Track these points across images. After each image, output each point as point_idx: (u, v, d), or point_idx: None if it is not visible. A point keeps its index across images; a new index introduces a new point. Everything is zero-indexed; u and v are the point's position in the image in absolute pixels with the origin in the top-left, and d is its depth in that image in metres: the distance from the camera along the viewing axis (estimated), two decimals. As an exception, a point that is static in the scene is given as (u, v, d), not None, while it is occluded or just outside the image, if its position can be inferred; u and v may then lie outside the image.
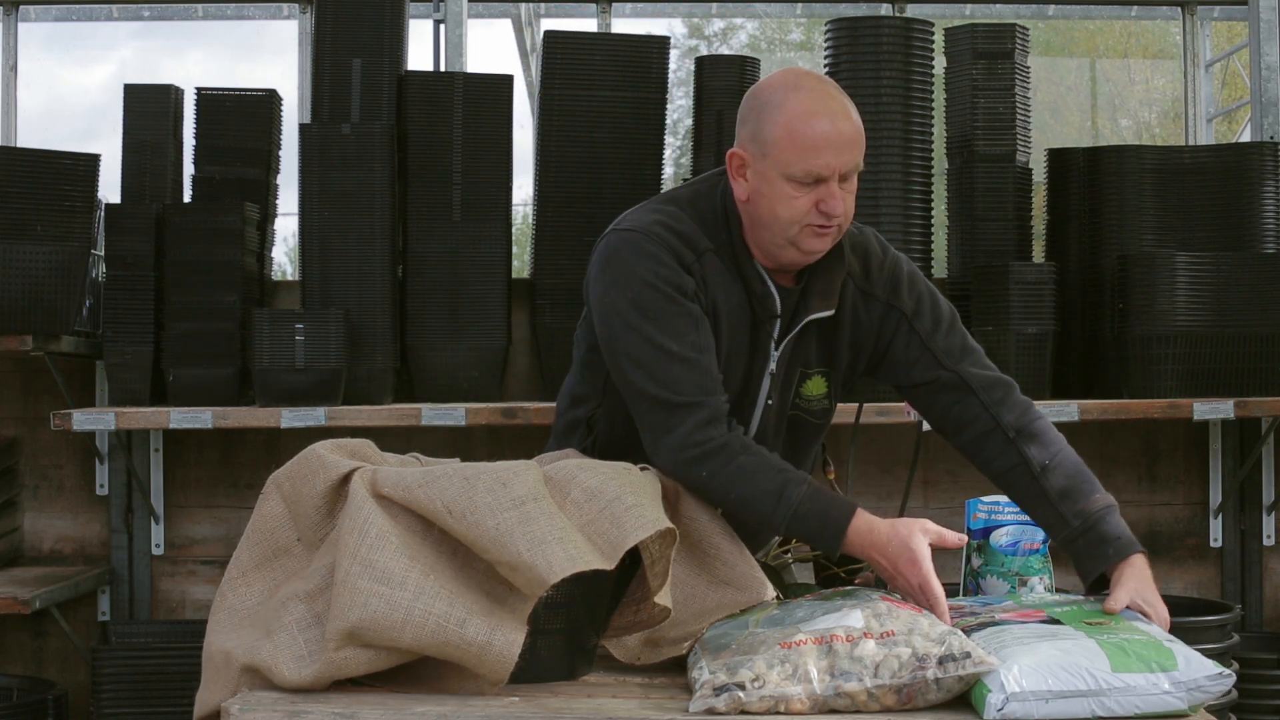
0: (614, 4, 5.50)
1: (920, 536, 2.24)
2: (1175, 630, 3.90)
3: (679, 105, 10.64)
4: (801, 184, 2.30)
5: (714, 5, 7.01)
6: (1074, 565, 2.36)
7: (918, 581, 2.19)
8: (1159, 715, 1.93)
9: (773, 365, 2.41)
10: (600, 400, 2.46)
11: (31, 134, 5.89)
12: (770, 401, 2.43)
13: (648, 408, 2.27)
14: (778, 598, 2.17)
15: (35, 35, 8.83)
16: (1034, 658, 1.91)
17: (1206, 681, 1.94)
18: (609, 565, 1.90)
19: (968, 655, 1.86)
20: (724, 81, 4.34)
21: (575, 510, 1.94)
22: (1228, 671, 1.97)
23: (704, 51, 11.94)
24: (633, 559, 2.01)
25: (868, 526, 2.23)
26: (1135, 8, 6.16)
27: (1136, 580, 2.28)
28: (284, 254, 9.91)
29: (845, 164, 2.30)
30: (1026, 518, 2.40)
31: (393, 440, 3.60)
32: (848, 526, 2.21)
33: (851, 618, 1.92)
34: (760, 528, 2.34)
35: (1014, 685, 1.86)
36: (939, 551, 2.29)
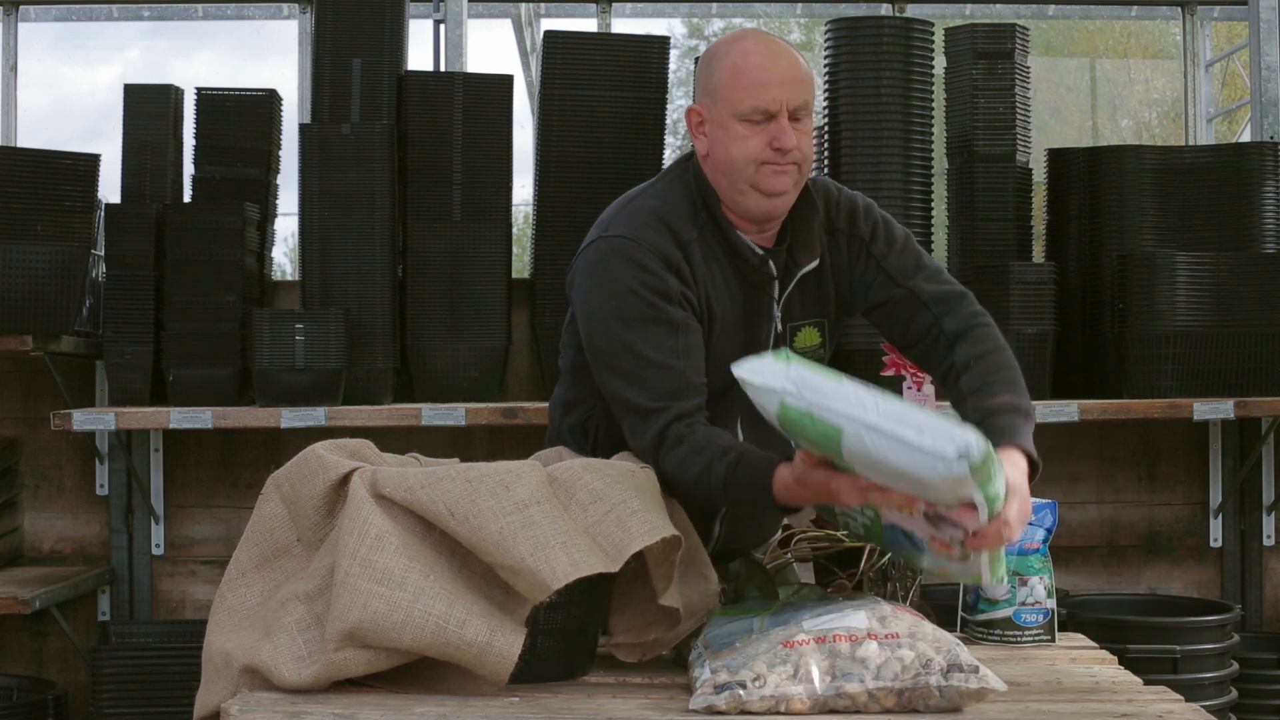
0: (614, 4, 5.49)
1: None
2: (1176, 630, 3.92)
3: (679, 105, 10.64)
4: (752, 122, 2.36)
5: (714, 5, 7.00)
6: None
7: (841, 496, 2.07)
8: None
9: (777, 325, 2.46)
10: (595, 403, 2.47)
11: (37, 134, 5.89)
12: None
13: (623, 411, 2.32)
14: (726, 594, 2.18)
15: (43, 35, 8.84)
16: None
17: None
18: (613, 568, 1.90)
19: (976, 669, 1.85)
20: (724, 81, 4.33)
21: (580, 512, 1.94)
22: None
23: (704, 51, 11.93)
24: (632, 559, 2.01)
25: (785, 481, 2.17)
26: (1135, 8, 6.16)
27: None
28: (284, 254, 9.91)
29: (793, 99, 2.36)
30: (1026, 518, 2.39)
31: (393, 440, 3.61)
32: (771, 486, 2.18)
33: (854, 619, 1.92)
34: (715, 510, 2.39)
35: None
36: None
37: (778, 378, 1.97)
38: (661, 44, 4.24)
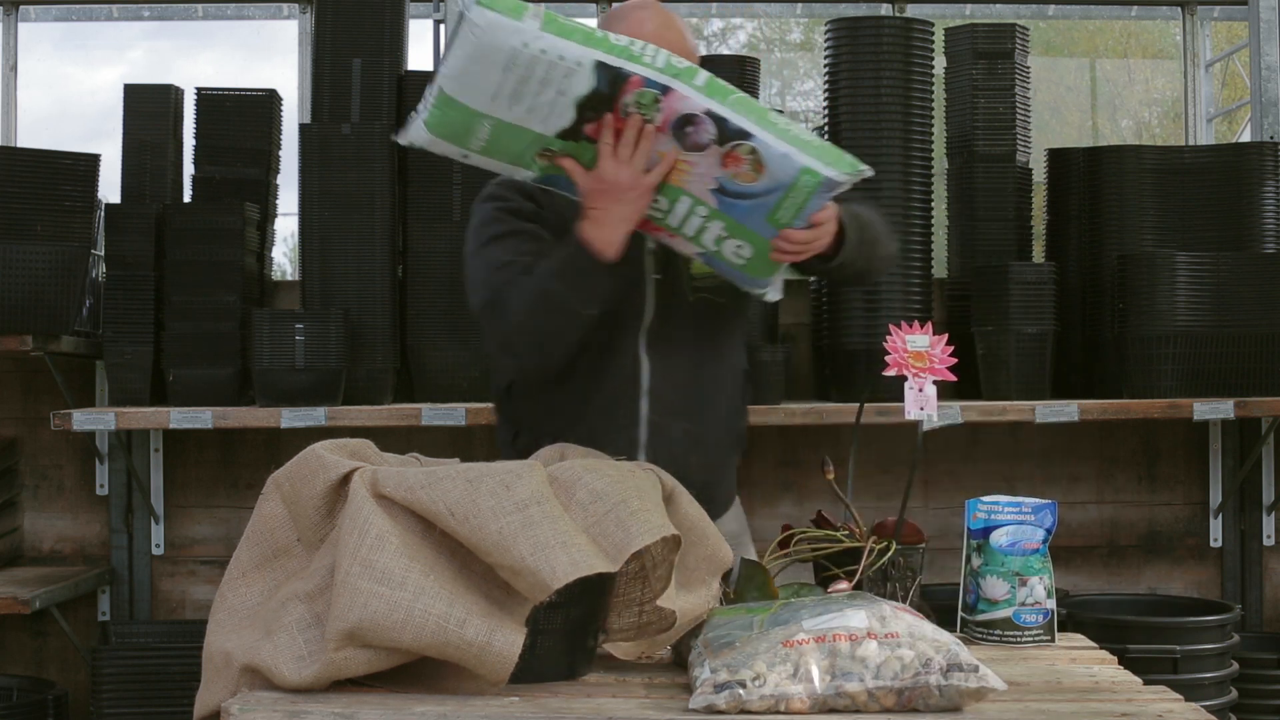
0: (614, 4, 5.50)
1: None
2: (1176, 630, 3.92)
3: (679, 105, 10.60)
4: None
5: (714, 5, 7.00)
6: None
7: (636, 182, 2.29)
8: None
9: (650, 242, 2.54)
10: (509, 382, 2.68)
11: (40, 134, 5.88)
12: (658, 276, 2.58)
13: (486, 317, 2.49)
14: (733, 592, 2.20)
15: (47, 36, 8.82)
16: None
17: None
18: (613, 568, 1.90)
19: (976, 668, 1.85)
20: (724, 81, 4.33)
21: (580, 512, 1.94)
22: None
23: (704, 51, 11.94)
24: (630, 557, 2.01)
25: (585, 222, 2.36)
26: (1135, 8, 6.16)
27: None
28: (284, 254, 9.90)
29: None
30: (1026, 518, 2.39)
31: (393, 440, 3.61)
32: (580, 240, 2.37)
33: (854, 618, 1.92)
34: (565, 322, 2.47)
35: None
36: (940, 551, 2.29)
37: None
38: (661, 44, 4.23)
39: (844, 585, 2.29)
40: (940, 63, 4.30)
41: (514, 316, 2.46)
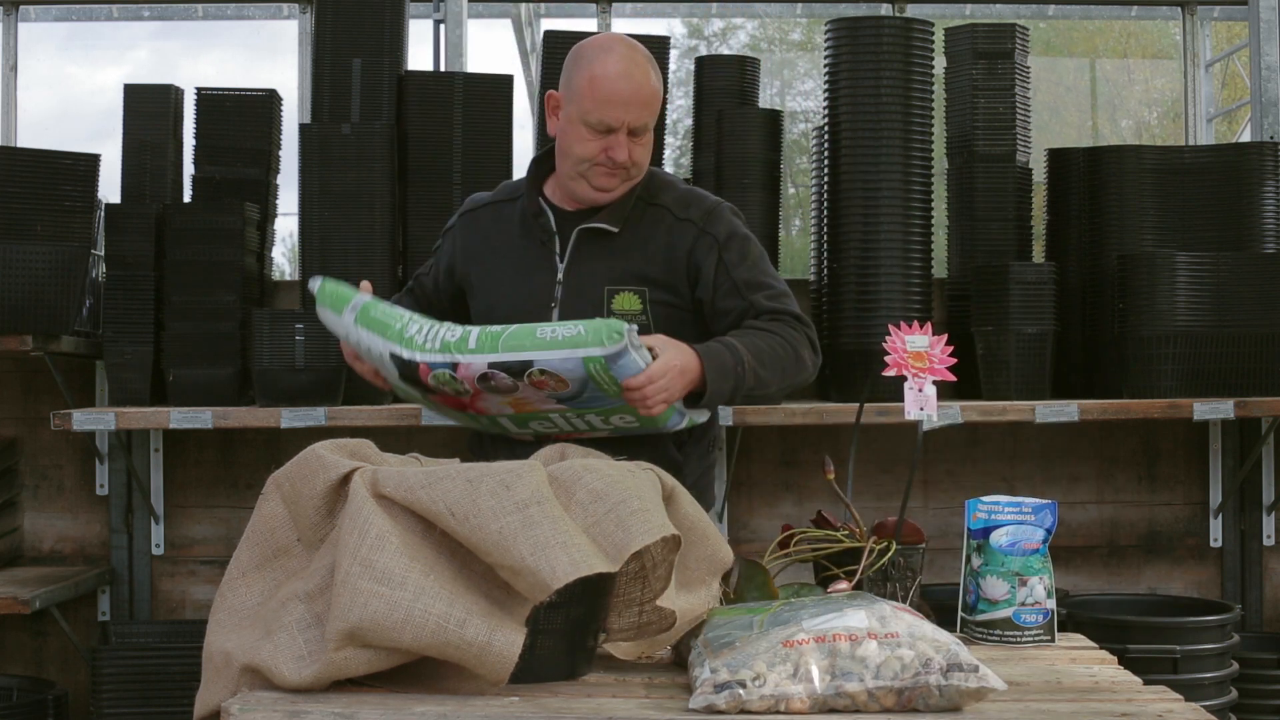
0: (614, 4, 5.50)
1: None
2: (1176, 630, 3.92)
3: (679, 105, 10.63)
4: (595, 130, 2.71)
5: (714, 5, 7.01)
6: None
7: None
8: None
9: (560, 275, 2.80)
10: None
11: (44, 134, 5.88)
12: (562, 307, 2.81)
13: None
14: (731, 593, 2.21)
15: (51, 36, 8.82)
16: None
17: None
18: (613, 568, 1.90)
19: (976, 668, 1.85)
20: (724, 81, 4.34)
21: (580, 511, 1.94)
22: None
23: (704, 51, 11.93)
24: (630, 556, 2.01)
25: None
26: (1135, 8, 6.16)
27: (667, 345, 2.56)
28: (284, 254, 9.90)
29: (633, 120, 2.71)
30: (1026, 518, 2.39)
31: (393, 440, 3.61)
32: None
33: (854, 618, 1.92)
34: None
35: None
36: (939, 551, 2.29)
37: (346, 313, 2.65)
38: (661, 44, 4.24)
39: (844, 585, 2.29)
40: (940, 63, 4.30)
41: None
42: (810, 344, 2.81)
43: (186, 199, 4.34)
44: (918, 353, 2.44)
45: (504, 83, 4.23)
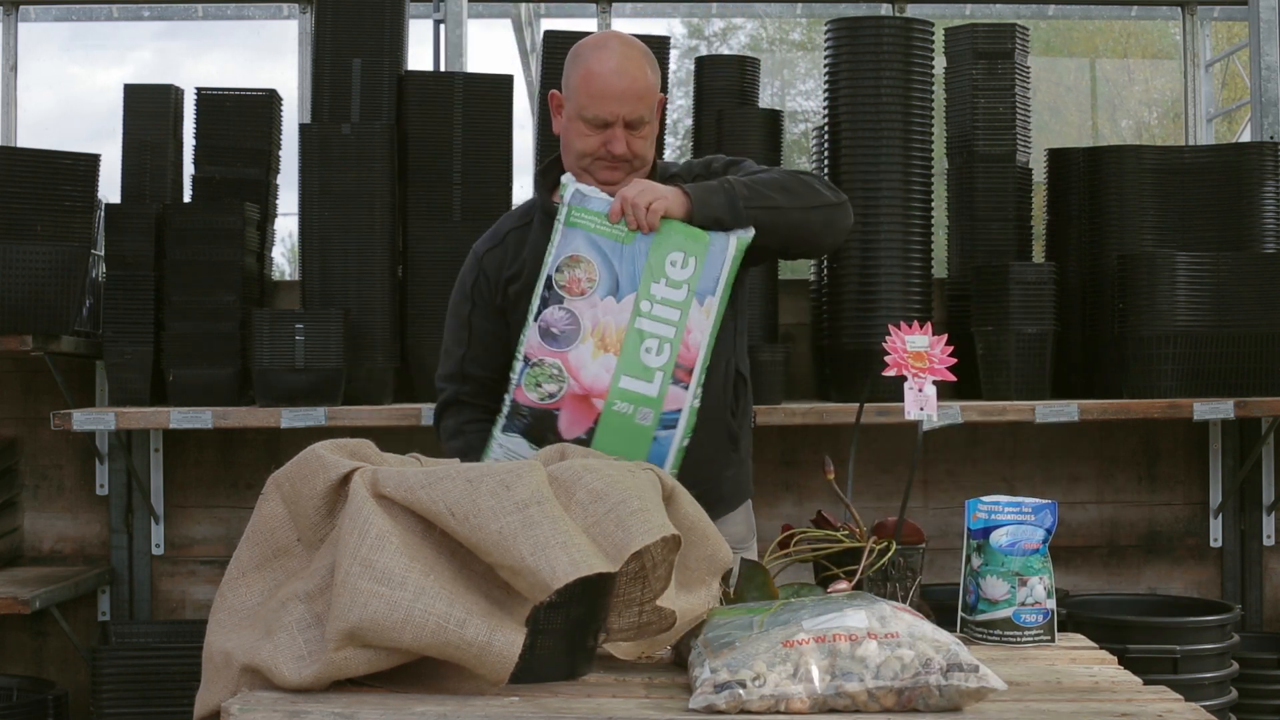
0: (614, 4, 5.50)
1: None
2: (1176, 630, 3.91)
3: (679, 105, 10.62)
4: (592, 125, 2.75)
5: (714, 5, 7.01)
6: None
7: None
8: None
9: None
10: None
11: (47, 134, 5.89)
12: None
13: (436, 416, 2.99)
14: (732, 591, 2.21)
15: (55, 36, 8.82)
16: None
17: None
18: (613, 568, 1.90)
19: (976, 668, 1.85)
20: (724, 81, 4.34)
21: (580, 511, 1.94)
22: None
23: (704, 51, 11.93)
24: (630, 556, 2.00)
25: None
26: (1135, 8, 6.16)
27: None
28: (284, 254, 9.91)
29: (629, 114, 2.74)
30: (1026, 518, 2.39)
31: (393, 440, 3.61)
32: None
33: (854, 618, 1.92)
34: None
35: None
36: (939, 551, 2.29)
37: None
38: (661, 44, 4.24)
39: (844, 586, 2.29)
40: (940, 63, 4.30)
41: (439, 432, 2.95)
42: (823, 183, 2.79)
43: (186, 199, 4.34)
44: (918, 353, 2.44)
45: (504, 83, 4.23)
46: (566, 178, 2.69)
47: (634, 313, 2.57)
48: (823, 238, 2.81)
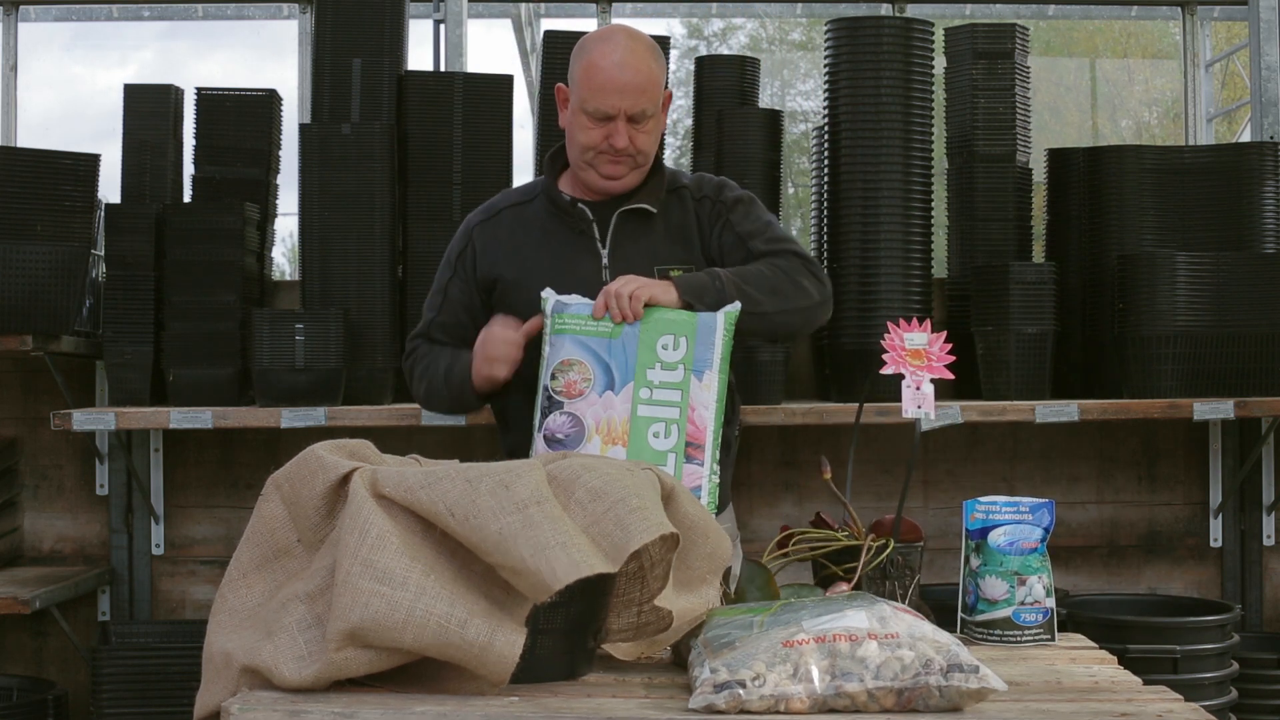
0: (614, 4, 5.50)
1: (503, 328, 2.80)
2: (1176, 630, 3.92)
3: (679, 105, 10.63)
4: (595, 118, 2.77)
5: (714, 5, 7.01)
6: None
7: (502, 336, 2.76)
8: None
9: (605, 259, 2.85)
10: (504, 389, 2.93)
11: (52, 134, 5.89)
12: None
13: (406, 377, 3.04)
14: (731, 594, 2.21)
15: (59, 37, 8.82)
16: None
17: None
18: (612, 569, 1.90)
19: (976, 669, 1.85)
20: (724, 81, 4.34)
21: (579, 511, 1.94)
22: None
23: (704, 51, 11.93)
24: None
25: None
26: (1135, 8, 6.16)
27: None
28: (284, 254, 9.91)
29: (631, 107, 2.76)
30: (1023, 517, 2.40)
31: (393, 440, 3.61)
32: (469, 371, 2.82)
33: (854, 618, 1.92)
34: (456, 406, 2.96)
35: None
36: (939, 551, 2.29)
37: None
38: (661, 44, 4.23)
39: (844, 587, 2.29)
40: (940, 63, 4.30)
41: (416, 378, 2.98)
42: (811, 274, 2.85)
43: (186, 199, 4.34)
44: (916, 350, 2.44)
45: (504, 83, 4.23)
46: (546, 292, 2.71)
47: (634, 401, 2.58)
48: (800, 332, 3.00)
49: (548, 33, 4.22)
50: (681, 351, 2.60)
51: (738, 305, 2.67)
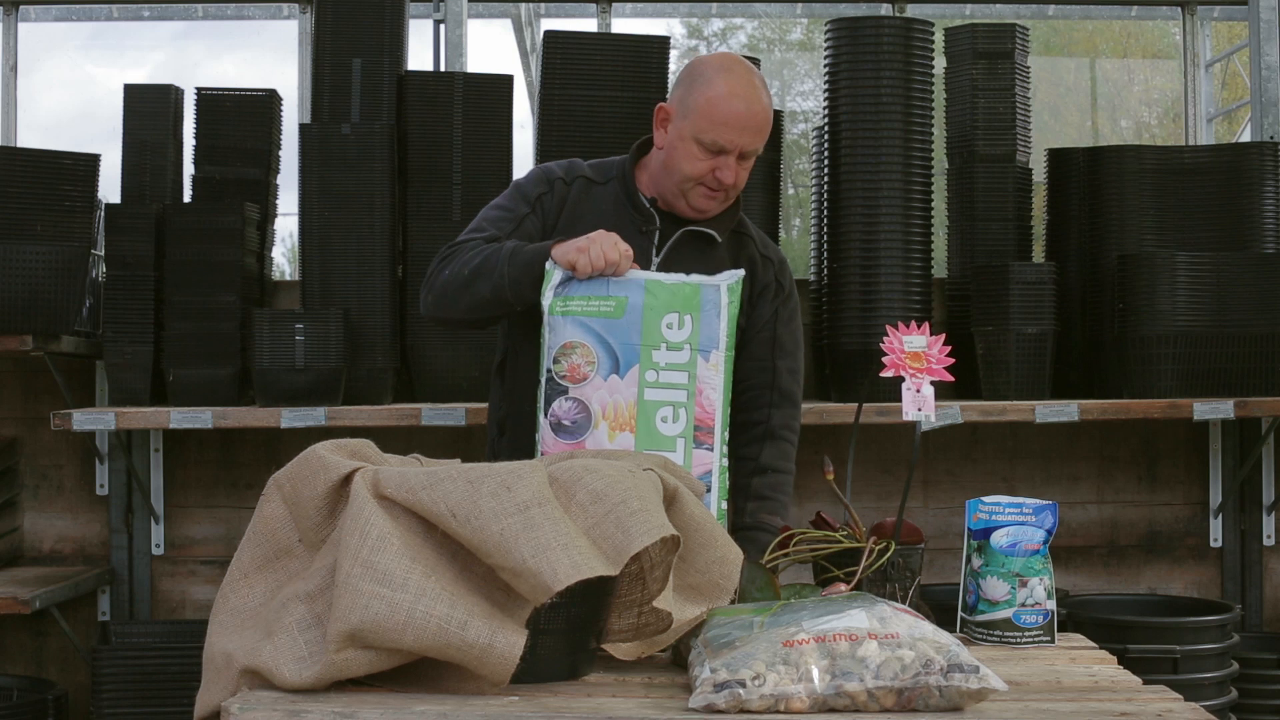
0: (614, 4, 5.50)
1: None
2: (1176, 630, 3.92)
3: (679, 105, 10.61)
4: (707, 150, 2.73)
5: (714, 5, 7.01)
6: None
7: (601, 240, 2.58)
8: None
9: (654, 267, 2.81)
10: (506, 345, 2.88)
11: (62, 135, 5.89)
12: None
13: (441, 254, 2.80)
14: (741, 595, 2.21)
15: (75, 36, 8.81)
16: None
17: None
18: (613, 571, 1.90)
19: (976, 669, 1.85)
20: (724, 81, 4.33)
21: (580, 513, 1.94)
22: None
23: (704, 52, 11.93)
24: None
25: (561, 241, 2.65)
26: (1135, 8, 6.16)
27: None
28: (284, 254, 9.91)
29: (746, 144, 2.74)
30: (1027, 519, 2.40)
31: (393, 440, 3.62)
32: (550, 249, 2.62)
33: (854, 618, 1.92)
34: (498, 292, 2.69)
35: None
36: (939, 552, 2.29)
37: None
38: (661, 44, 4.24)
39: (843, 588, 2.29)
40: (940, 63, 4.30)
41: (458, 262, 2.72)
42: (794, 448, 2.90)
43: (186, 199, 4.34)
44: (915, 353, 2.44)
45: (504, 83, 4.23)
46: (551, 264, 2.60)
47: (640, 384, 2.54)
48: None
49: (548, 33, 4.22)
50: (687, 331, 2.57)
51: (740, 273, 2.65)
